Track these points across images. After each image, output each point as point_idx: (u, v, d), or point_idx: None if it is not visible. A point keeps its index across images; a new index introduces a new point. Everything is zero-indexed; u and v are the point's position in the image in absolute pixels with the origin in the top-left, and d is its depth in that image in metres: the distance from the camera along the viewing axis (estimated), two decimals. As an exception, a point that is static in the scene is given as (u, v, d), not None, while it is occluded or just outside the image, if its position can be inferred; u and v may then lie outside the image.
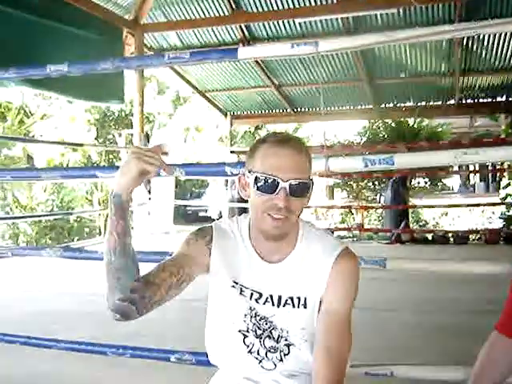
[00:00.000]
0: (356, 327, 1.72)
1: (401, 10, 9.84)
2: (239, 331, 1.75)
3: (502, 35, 10.40)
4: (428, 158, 2.28)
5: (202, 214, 18.97)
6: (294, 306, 1.71)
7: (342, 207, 13.84)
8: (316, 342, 1.68)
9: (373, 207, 13.49)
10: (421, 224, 13.44)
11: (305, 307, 1.71)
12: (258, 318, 1.73)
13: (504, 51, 10.98)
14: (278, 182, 1.59)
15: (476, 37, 10.56)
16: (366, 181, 13.53)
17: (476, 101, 13.02)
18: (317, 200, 16.55)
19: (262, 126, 18.89)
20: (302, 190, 1.62)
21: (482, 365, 2.00)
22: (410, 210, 12.10)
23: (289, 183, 1.59)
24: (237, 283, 1.75)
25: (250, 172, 1.66)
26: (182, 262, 1.72)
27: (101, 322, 4.75)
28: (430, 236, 10.47)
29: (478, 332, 2.08)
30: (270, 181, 1.60)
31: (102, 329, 4.40)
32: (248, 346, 1.74)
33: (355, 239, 11.09)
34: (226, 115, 14.48)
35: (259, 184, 1.62)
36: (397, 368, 2.52)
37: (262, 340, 1.73)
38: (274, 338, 1.73)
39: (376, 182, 13.44)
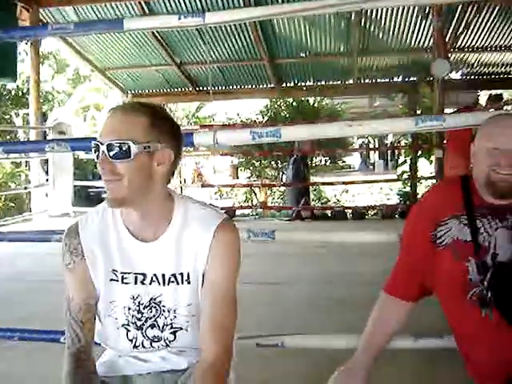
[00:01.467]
0: (251, 302, 1.74)
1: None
2: (122, 325, 1.72)
3: (399, 16, 10.68)
4: (313, 130, 2.31)
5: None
6: (178, 282, 1.70)
7: (244, 186, 13.93)
8: (201, 316, 1.68)
9: (274, 185, 13.63)
10: (322, 202, 13.72)
11: (188, 283, 1.70)
12: (142, 307, 1.71)
13: (400, 33, 11.29)
14: (98, 146, 1.59)
15: (374, 17, 10.82)
16: (268, 159, 13.66)
17: (374, 81, 13.32)
18: (221, 179, 16.59)
19: (164, 105, 18.66)
20: (121, 151, 1.58)
21: (374, 324, 2.08)
22: (312, 188, 12.33)
23: (105, 145, 1.58)
24: (116, 271, 1.71)
25: None
26: (86, 300, 1.72)
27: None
28: (329, 212, 10.72)
29: (372, 303, 2.14)
30: (94, 146, 1.61)
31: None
32: (132, 341, 1.73)
33: (258, 217, 11.19)
34: (126, 94, 14.17)
35: (94, 152, 1.62)
36: (287, 338, 2.55)
37: (143, 331, 1.72)
38: (158, 327, 1.71)
39: (278, 161, 13.60)
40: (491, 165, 1.87)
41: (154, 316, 1.70)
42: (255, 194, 14.06)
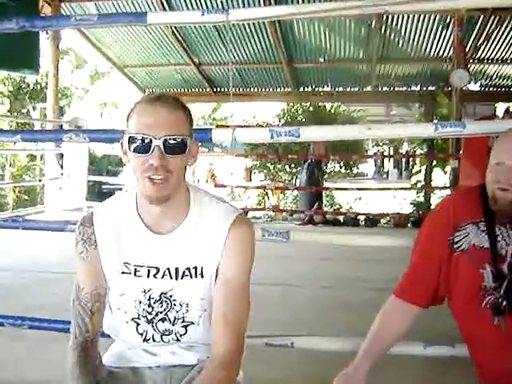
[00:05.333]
0: (262, 302, 1.72)
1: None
2: (132, 319, 1.71)
3: (419, 25, 10.64)
4: (333, 131, 2.30)
5: (118, 191, 18.57)
6: (191, 276, 1.68)
7: (258, 188, 13.91)
8: (214, 311, 1.66)
9: (287, 188, 13.62)
10: (335, 208, 13.68)
11: (202, 277, 1.68)
12: (152, 301, 1.69)
13: (420, 41, 11.25)
14: (151, 140, 1.54)
15: (394, 25, 10.79)
16: (282, 163, 13.64)
17: (391, 89, 13.28)
18: (234, 181, 16.56)
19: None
20: (178, 146, 1.57)
21: (379, 326, 2.06)
22: (325, 194, 12.30)
23: (162, 140, 1.54)
24: (129, 264, 1.69)
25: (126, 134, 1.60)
26: (96, 290, 1.71)
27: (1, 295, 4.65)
28: (341, 218, 10.70)
29: (380, 308, 2.13)
30: (142, 140, 1.55)
31: (2, 302, 4.29)
32: (142, 335, 1.71)
33: (270, 220, 11.19)
34: (144, 92, 14.21)
35: (133, 145, 1.56)
36: (297, 339, 2.54)
37: (154, 325, 1.70)
38: (169, 321, 1.70)
39: (292, 165, 13.58)
40: (494, 181, 1.86)
41: (164, 310, 1.69)
42: (268, 197, 14.04)
